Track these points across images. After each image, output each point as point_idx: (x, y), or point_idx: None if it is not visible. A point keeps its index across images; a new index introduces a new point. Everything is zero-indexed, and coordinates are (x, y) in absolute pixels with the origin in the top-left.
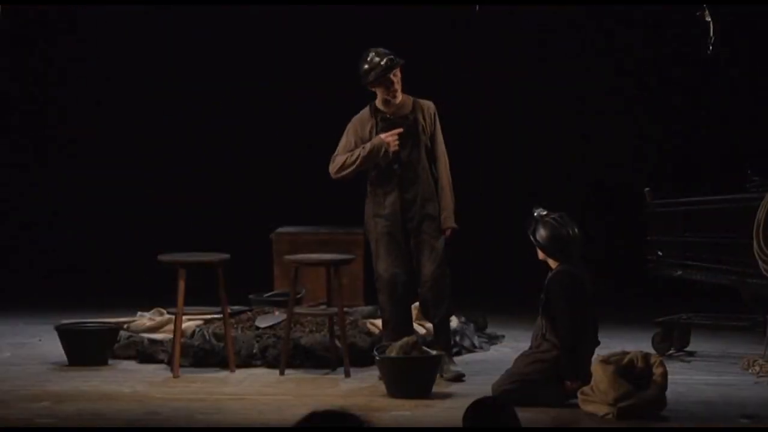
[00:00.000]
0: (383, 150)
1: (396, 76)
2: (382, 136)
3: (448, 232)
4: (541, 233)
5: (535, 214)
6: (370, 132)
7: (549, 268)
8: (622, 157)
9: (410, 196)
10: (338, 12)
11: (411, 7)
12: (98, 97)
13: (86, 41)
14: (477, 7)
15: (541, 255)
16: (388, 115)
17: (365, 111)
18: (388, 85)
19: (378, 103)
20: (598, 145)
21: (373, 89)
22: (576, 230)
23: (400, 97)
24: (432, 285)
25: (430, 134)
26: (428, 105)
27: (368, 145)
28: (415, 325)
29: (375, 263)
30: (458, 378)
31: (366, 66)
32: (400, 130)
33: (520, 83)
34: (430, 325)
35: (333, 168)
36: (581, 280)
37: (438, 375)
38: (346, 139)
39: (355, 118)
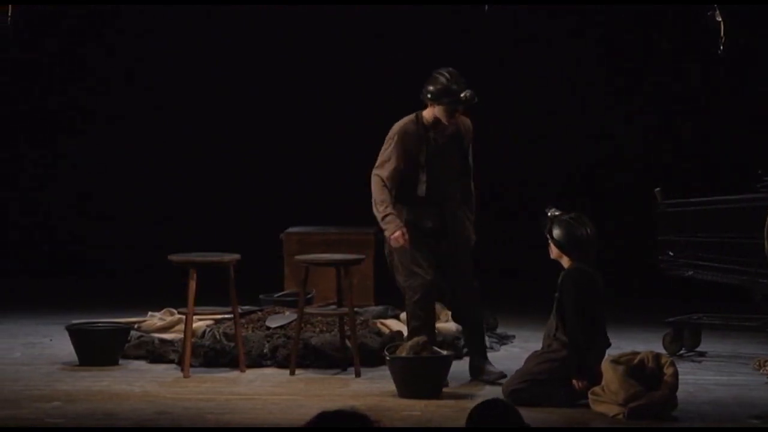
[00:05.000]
0: (386, 238)
1: (457, 113)
2: (392, 237)
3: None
4: (558, 232)
5: (549, 213)
6: (419, 147)
7: (561, 267)
8: (632, 156)
9: (448, 205)
10: (346, 13)
11: (420, 6)
12: (106, 98)
13: (93, 41)
14: (486, 7)
15: (554, 254)
16: (435, 137)
17: (411, 122)
18: (452, 114)
19: (427, 117)
20: (605, 144)
21: (432, 106)
22: (592, 230)
23: (440, 124)
24: (465, 291)
25: (467, 148)
26: (467, 124)
27: (386, 224)
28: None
29: (407, 268)
30: (501, 377)
31: (439, 87)
32: (404, 243)
33: (521, 82)
34: (440, 325)
35: (373, 191)
36: (594, 279)
37: (477, 378)
38: (392, 153)
39: (400, 129)
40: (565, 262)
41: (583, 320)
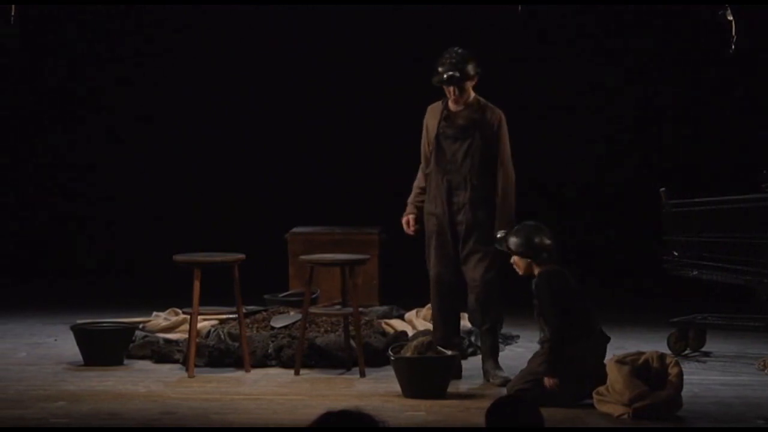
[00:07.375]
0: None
1: (452, 93)
2: (404, 220)
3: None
4: (515, 240)
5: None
6: (435, 123)
7: (533, 276)
8: (636, 157)
9: (458, 200)
10: (352, 14)
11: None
12: (108, 97)
13: (94, 41)
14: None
15: (522, 268)
16: (451, 116)
17: (438, 101)
18: (448, 93)
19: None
20: (607, 145)
21: None
22: (546, 229)
23: (459, 107)
24: (480, 291)
25: (490, 141)
26: (494, 113)
27: (409, 203)
28: (422, 323)
29: (426, 258)
30: (506, 383)
31: (436, 67)
32: (408, 230)
33: (523, 82)
34: None
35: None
36: (566, 276)
37: (486, 380)
38: (424, 132)
39: (431, 106)
40: (535, 269)
41: (563, 318)
